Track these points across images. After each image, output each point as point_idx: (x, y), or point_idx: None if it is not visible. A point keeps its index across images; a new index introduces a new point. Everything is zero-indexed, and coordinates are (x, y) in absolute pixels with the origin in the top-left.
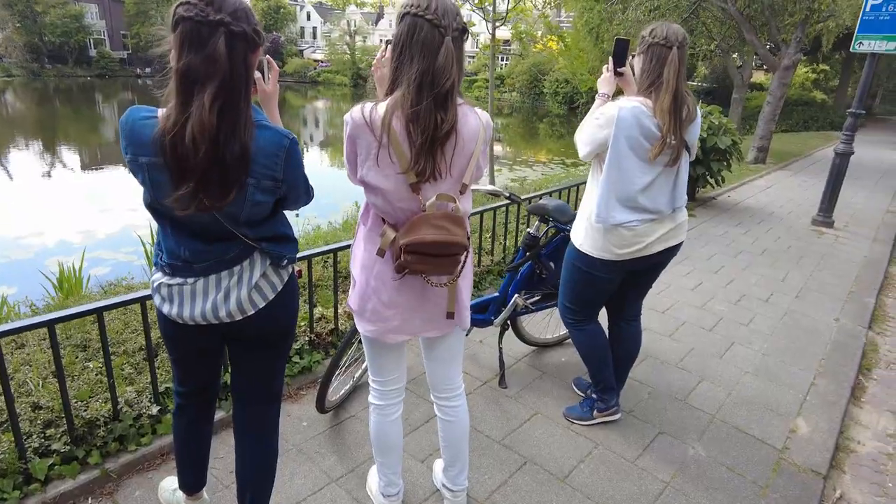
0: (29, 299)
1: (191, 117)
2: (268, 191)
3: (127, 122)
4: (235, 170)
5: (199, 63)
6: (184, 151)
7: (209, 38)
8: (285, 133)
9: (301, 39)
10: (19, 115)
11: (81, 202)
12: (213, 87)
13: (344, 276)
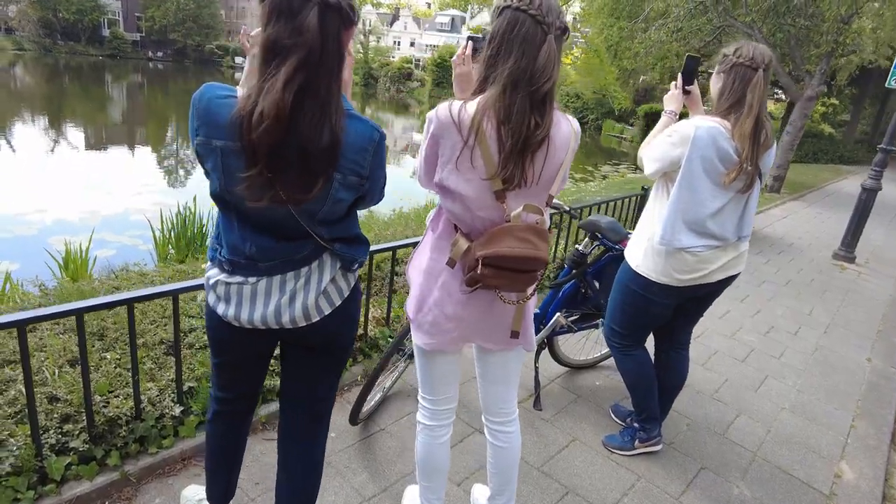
0: (39, 278)
1: (263, 93)
2: (352, 187)
3: (202, 101)
4: (322, 162)
5: (285, 35)
6: (258, 134)
7: (301, 8)
8: (375, 126)
9: None
10: (28, 90)
11: (86, 181)
12: (294, 61)
13: (375, 279)
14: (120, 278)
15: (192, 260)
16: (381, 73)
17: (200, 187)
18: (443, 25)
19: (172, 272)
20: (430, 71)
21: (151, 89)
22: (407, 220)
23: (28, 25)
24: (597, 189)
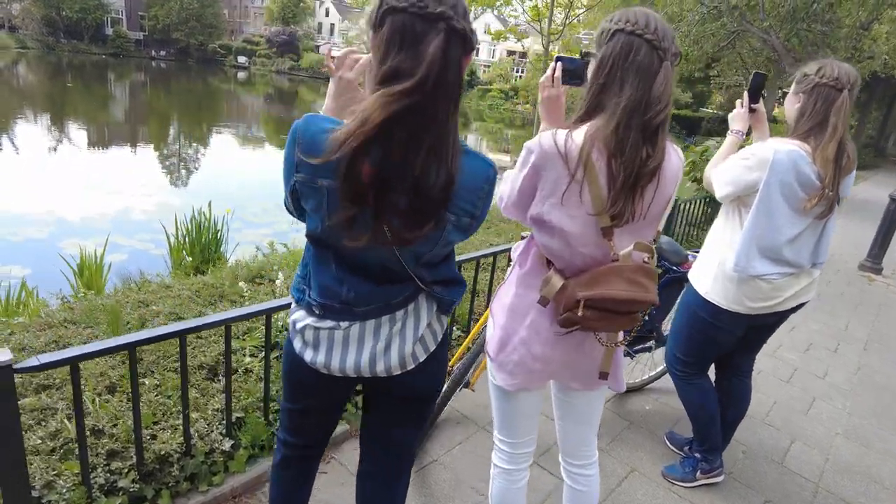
0: (60, 291)
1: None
2: (463, 229)
3: (305, 134)
4: (435, 203)
5: (408, 65)
6: (368, 173)
7: (424, 34)
8: (490, 162)
9: (318, 35)
10: (31, 88)
11: (91, 181)
12: (406, 86)
13: None
14: (143, 290)
15: (208, 266)
16: None
17: (209, 188)
18: None
19: (199, 285)
20: None
21: (154, 88)
22: None
23: (31, 24)
24: None
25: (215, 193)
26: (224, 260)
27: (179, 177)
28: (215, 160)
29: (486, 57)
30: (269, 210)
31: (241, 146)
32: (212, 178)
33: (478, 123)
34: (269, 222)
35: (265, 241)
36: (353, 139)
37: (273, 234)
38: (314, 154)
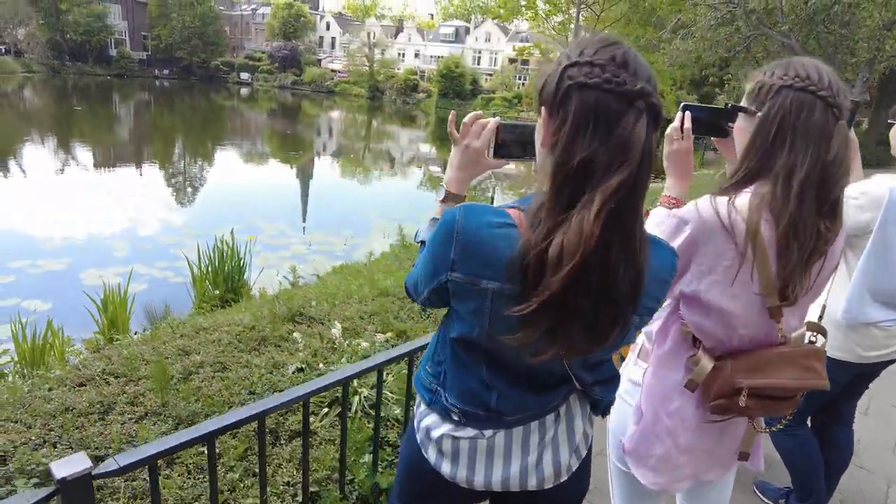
0: (87, 329)
1: (564, 226)
2: (642, 326)
3: (467, 229)
4: (624, 306)
5: (603, 153)
6: (553, 280)
7: (621, 115)
8: (672, 249)
9: (319, 49)
10: (37, 112)
11: (103, 205)
12: (612, 185)
13: None
14: (179, 332)
15: (233, 296)
16: (386, 85)
17: (220, 208)
18: (446, 36)
19: (239, 328)
20: (436, 82)
21: (159, 107)
22: None
23: (37, 48)
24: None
25: (226, 214)
26: (248, 288)
27: (190, 198)
28: (224, 179)
29: (487, 65)
30: (284, 231)
31: (248, 163)
32: (222, 198)
33: None
34: (285, 244)
35: (285, 265)
36: (570, 256)
37: (292, 258)
38: (479, 253)
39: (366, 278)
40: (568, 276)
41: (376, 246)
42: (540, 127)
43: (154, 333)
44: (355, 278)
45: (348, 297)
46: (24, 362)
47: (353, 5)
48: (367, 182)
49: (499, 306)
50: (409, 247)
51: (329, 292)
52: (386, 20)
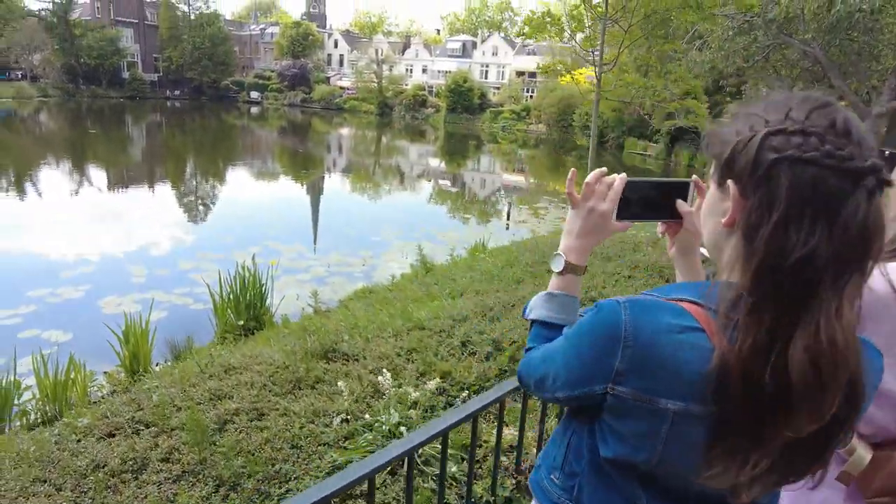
0: (117, 371)
1: (799, 335)
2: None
3: (641, 334)
4: (844, 423)
5: (827, 246)
6: (770, 395)
7: (846, 198)
8: (877, 349)
9: (328, 66)
10: (52, 136)
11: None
12: (849, 285)
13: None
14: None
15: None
16: (395, 101)
17: (236, 228)
18: (453, 51)
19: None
20: (444, 97)
21: (170, 127)
22: (484, 274)
23: (52, 72)
24: None
25: (242, 234)
26: (270, 315)
27: (203, 218)
28: (237, 198)
29: (495, 79)
30: (302, 253)
31: (260, 181)
32: (236, 218)
33: (492, 145)
34: (304, 267)
35: (305, 289)
36: (745, 348)
37: (312, 281)
38: (658, 365)
39: (396, 308)
40: (831, 401)
41: (395, 266)
42: (716, 200)
43: (182, 374)
44: (384, 307)
45: (381, 330)
46: (45, 398)
47: (360, 23)
48: (378, 198)
49: (683, 432)
50: (432, 270)
51: (360, 324)
52: (393, 37)
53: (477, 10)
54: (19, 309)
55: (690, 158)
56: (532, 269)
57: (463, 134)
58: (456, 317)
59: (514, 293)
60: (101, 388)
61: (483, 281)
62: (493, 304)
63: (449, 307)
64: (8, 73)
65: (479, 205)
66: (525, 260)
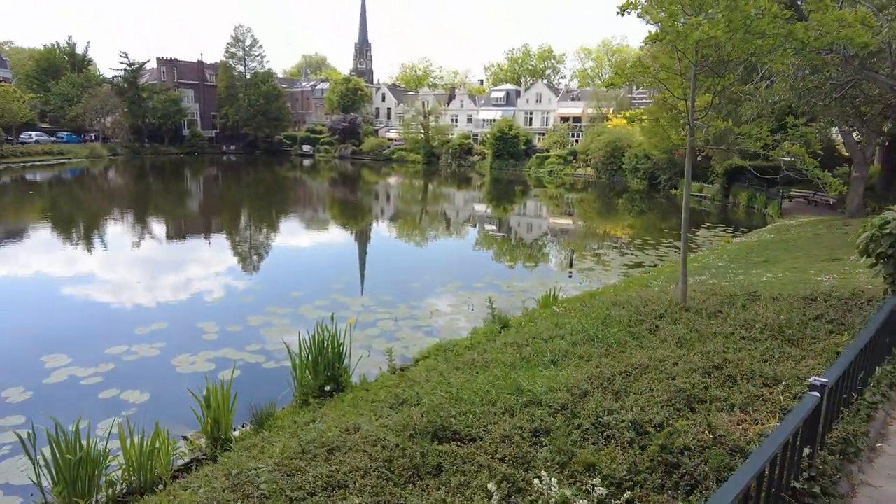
0: (205, 441)
1: None
2: None
3: None
4: None
5: None
6: None
7: None
8: None
9: (376, 119)
10: (118, 190)
11: (183, 278)
12: None
13: None
14: (310, 452)
15: (332, 384)
16: (441, 150)
17: (300, 280)
18: (498, 100)
19: (383, 453)
20: (490, 144)
21: (226, 180)
22: (577, 334)
23: (121, 133)
24: (728, 258)
25: (306, 285)
26: (348, 375)
27: (268, 270)
28: (297, 248)
29: (539, 125)
30: (368, 306)
31: (312, 230)
32: (299, 270)
33: (538, 190)
34: (372, 321)
35: (374, 344)
36: None
37: (382, 336)
38: None
39: (493, 374)
40: None
41: (462, 321)
42: None
43: (282, 452)
44: (476, 372)
45: (490, 404)
46: (131, 468)
47: (405, 76)
48: (427, 244)
49: None
50: (509, 325)
51: (461, 395)
52: (438, 89)
53: (520, 59)
54: (99, 367)
55: (749, 199)
56: (632, 329)
57: (509, 179)
58: (573, 390)
59: (624, 359)
60: (182, 455)
61: (582, 343)
62: (610, 375)
63: (560, 377)
64: (83, 135)
65: (527, 249)
66: (620, 318)
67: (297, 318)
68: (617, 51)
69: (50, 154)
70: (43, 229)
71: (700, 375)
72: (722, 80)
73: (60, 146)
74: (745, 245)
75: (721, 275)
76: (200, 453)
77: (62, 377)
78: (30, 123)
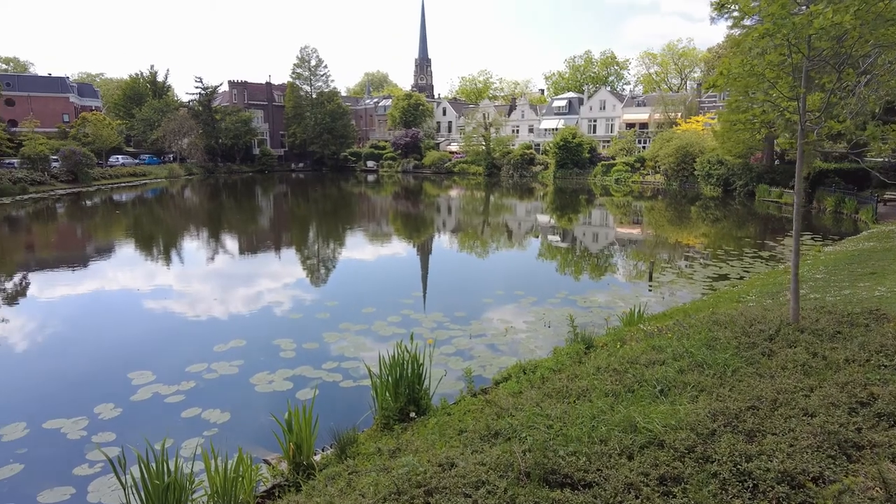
0: (287, 466)
1: None
2: None
3: None
4: None
5: None
6: None
7: None
8: None
9: (438, 133)
10: (194, 208)
11: (256, 293)
12: None
13: None
14: (401, 488)
15: (413, 408)
16: (503, 161)
17: (372, 296)
18: (559, 109)
19: (489, 497)
20: (553, 153)
21: (294, 197)
22: (678, 357)
23: (196, 153)
24: (825, 269)
25: (379, 303)
26: (428, 398)
27: (339, 285)
28: (365, 262)
29: (603, 132)
30: (441, 323)
31: (377, 243)
32: (369, 285)
33: (604, 198)
34: (446, 338)
35: (450, 363)
36: None
37: (457, 354)
38: None
39: (600, 408)
40: None
41: (540, 339)
42: None
43: (378, 498)
44: (577, 403)
45: (601, 443)
46: (216, 494)
47: (465, 90)
48: (493, 256)
49: None
50: (600, 348)
51: (566, 431)
52: (499, 100)
53: (581, 67)
54: (181, 385)
55: (837, 204)
56: (743, 353)
57: (573, 189)
58: (697, 429)
59: (745, 390)
60: (265, 481)
61: (689, 370)
62: (736, 411)
63: (678, 412)
64: (163, 157)
65: (597, 260)
66: (725, 340)
67: (371, 335)
68: (683, 54)
69: (134, 175)
70: (127, 246)
71: (845, 413)
72: (843, 76)
73: (143, 167)
74: (843, 254)
75: (822, 288)
76: (282, 479)
77: (147, 394)
78: (116, 148)
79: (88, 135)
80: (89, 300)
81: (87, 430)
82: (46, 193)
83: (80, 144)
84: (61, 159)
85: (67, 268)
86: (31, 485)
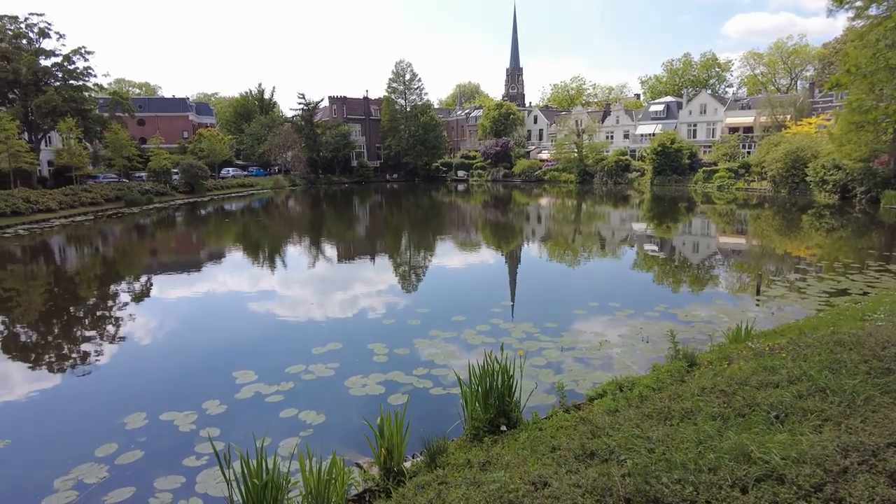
0: (378, 472)
1: None
2: None
3: None
4: None
5: None
6: None
7: None
8: None
9: (528, 142)
10: (297, 216)
11: (352, 298)
12: None
13: None
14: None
15: (502, 421)
16: (596, 168)
17: (459, 304)
18: (657, 113)
19: None
20: (650, 160)
21: (389, 206)
22: (794, 380)
23: (299, 165)
24: None
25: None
26: (519, 411)
27: (428, 292)
28: (454, 269)
29: (704, 137)
30: (531, 333)
31: (466, 251)
32: (457, 292)
33: (706, 206)
34: (536, 350)
35: (541, 376)
36: None
37: (548, 367)
38: None
39: (707, 433)
40: None
41: (638, 352)
42: None
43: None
44: (680, 425)
45: (710, 471)
46: (310, 497)
47: (558, 97)
48: (587, 265)
49: None
50: (704, 366)
51: (669, 457)
52: (592, 106)
53: (679, 70)
54: (281, 385)
55: None
56: (874, 378)
57: (671, 196)
58: (824, 464)
59: (881, 422)
60: (356, 485)
61: (808, 395)
62: (873, 447)
63: (800, 443)
64: (268, 169)
65: (700, 272)
66: (852, 363)
67: (460, 343)
68: (794, 52)
69: (242, 186)
70: (236, 252)
71: None
72: None
73: (251, 179)
74: None
75: None
76: (373, 484)
77: (250, 393)
78: (228, 161)
79: (204, 149)
80: (201, 301)
81: (195, 423)
82: (167, 203)
83: (196, 158)
84: (181, 172)
85: (183, 271)
86: (149, 471)
